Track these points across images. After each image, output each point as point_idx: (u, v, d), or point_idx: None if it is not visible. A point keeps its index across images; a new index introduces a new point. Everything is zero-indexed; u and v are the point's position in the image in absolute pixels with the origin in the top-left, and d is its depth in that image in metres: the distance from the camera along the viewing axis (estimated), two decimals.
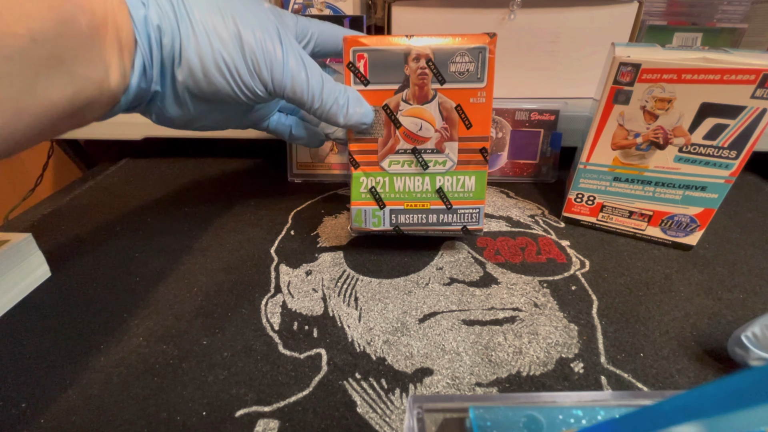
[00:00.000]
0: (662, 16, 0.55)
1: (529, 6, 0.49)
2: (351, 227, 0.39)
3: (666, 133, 0.38)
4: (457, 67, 0.34)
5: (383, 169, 0.37)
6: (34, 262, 0.37)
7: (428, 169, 0.37)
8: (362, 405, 0.27)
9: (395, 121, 0.35)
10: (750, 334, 0.28)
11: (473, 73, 0.35)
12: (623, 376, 0.29)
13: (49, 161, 0.60)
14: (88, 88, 0.23)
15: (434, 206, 0.38)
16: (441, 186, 0.38)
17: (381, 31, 0.53)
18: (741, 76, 0.33)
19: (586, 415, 0.16)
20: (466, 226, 0.39)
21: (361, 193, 0.37)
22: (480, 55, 0.34)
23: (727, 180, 0.38)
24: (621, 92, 0.37)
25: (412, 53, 0.33)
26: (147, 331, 0.33)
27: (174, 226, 0.45)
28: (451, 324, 0.33)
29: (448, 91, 0.35)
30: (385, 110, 0.35)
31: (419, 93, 0.35)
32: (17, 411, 0.27)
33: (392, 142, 0.36)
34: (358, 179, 0.37)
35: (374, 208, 0.38)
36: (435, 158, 0.37)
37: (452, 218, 0.39)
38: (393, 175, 0.37)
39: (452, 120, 0.36)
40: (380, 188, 0.37)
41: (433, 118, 0.35)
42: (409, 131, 0.36)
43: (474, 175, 0.37)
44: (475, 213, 0.39)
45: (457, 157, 0.37)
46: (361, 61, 0.33)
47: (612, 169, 0.41)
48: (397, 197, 0.38)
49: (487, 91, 0.35)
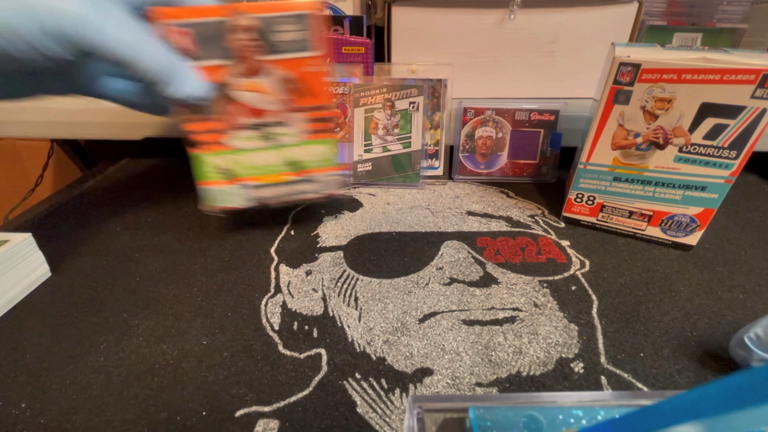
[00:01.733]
0: (662, 17, 0.55)
1: (529, 6, 0.49)
2: (203, 207, 0.38)
3: (666, 133, 0.38)
4: (283, 37, 0.33)
5: (227, 146, 0.36)
6: (34, 262, 0.37)
7: (276, 141, 0.37)
8: (362, 405, 0.27)
9: (231, 97, 0.35)
10: (752, 335, 0.28)
11: (302, 42, 0.34)
12: (623, 376, 0.29)
13: (49, 161, 0.60)
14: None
15: (290, 177, 0.38)
16: (293, 156, 0.38)
17: (381, 32, 0.53)
18: (741, 76, 0.34)
19: (586, 415, 0.16)
20: (327, 192, 0.40)
21: (208, 173, 0.37)
22: (304, 23, 0.33)
23: (727, 180, 0.38)
24: (621, 92, 0.37)
25: (232, 26, 0.32)
26: (147, 331, 0.33)
27: (174, 226, 0.45)
28: (451, 324, 0.33)
29: (279, 62, 0.34)
30: (219, 86, 0.34)
31: (250, 66, 0.34)
32: (17, 411, 0.27)
33: (231, 118, 0.35)
34: (199, 159, 0.36)
35: (227, 185, 0.37)
36: (281, 130, 0.36)
37: (312, 186, 0.39)
38: (240, 151, 0.37)
39: (290, 91, 0.35)
40: (229, 165, 0.37)
41: (271, 91, 0.35)
42: (248, 105, 0.35)
43: (324, 143, 0.38)
44: (332, 179, 0.39)
45: (303, 127, 0.37)
46: (178, 34, 0.32)
47: (612, 169, 0.41)
48: (249, 172, 0.37)
49: (320, 60, 0.35)
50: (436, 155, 0.53)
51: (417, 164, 0.51)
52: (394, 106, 0.50)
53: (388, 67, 0.52)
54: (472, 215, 0.46)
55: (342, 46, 0.52)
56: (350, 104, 0.50)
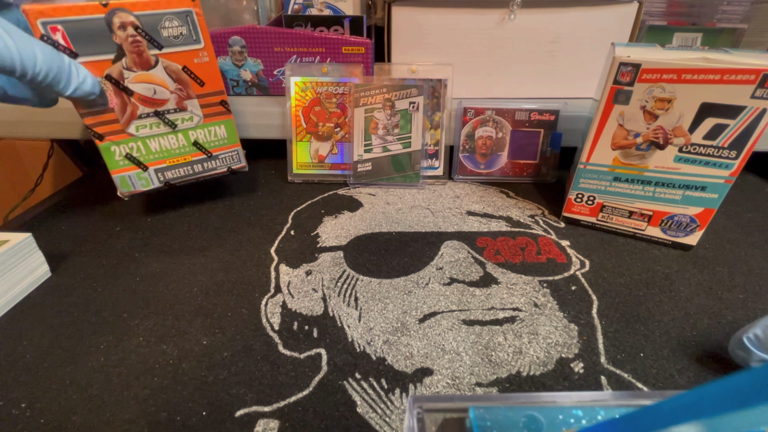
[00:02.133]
0: (662, 17, 0.55)
1: (529, 6, 0.49)
2: (120, 193, 0.41)
3: (666, 133, 0.38)
4: (170, 32, 0.36)
5: (132, 135, 0.39)
6: (34, 262, 0.37)
7: (177, 127, 0.40)
8: (362, 405, 0.27)
9: (125, 89, 0.37)
10: (752, 336, 0.28)
11: (188, 36, 0.37)
12: (623, 376, 0.29)
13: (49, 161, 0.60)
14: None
15: (195, 157, 0.43)
16: (196, 139, 0.42)
17: (381, 32, 0.53)
18: (741, 76, 0.33)
19: (586, 415, 0.16)
20: (231, 167, 0.45)
21: (118, 161, 0.40)
22: (189, 19, 0.37)
23: (727, 180, 0.38)
24: (621, 92, 0.37)
25: (115, 22, 0.35)
26: (147, 331, 0.33)
27: (174, 226, 0.45)
28: (451, 324, 0.33)
29: (169, 55, 0.37)
30: (110, 80, 0.36)
31: (139, 60, 0.37)
32: (17, 411, 0.27)
33: (131, 108, 0.38)
34: (108, 150, 0.39)
35: (138, 171, 0.41)
36: (180, 116, 0.40)
37: (216, 163, 0.44)
38: (144, 138, 0.40)
39: (184, 80, 0.39)
40: (136, 153, 0.40)
41: (165, 81, 0.38)
42: (144, 96, 0.38)
43: (222, 125, 0.42)
44: (235, 155, 0.44)
45: (201, 112, 0.41)
46: (57, 33, 0.34)
47: (612, 169, 0.41)
48: (157, 157, 0.41)
49: (207, 51, 0.38)
50: (436, 155, 0.53)
51: (417, 164, 0.51)
52: (394, 106, 0.50)
53: (388, 67, 0.52)
54: (472, 215, 0.46)
55: (342, 46, 0.52)
56: (350, 104, 0.50)
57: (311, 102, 0.50)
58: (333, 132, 0.52)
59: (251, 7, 0.56)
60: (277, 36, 0.52)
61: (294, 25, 0.55)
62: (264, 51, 0.53)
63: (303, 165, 0.53)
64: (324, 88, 0.50)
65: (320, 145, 0.52)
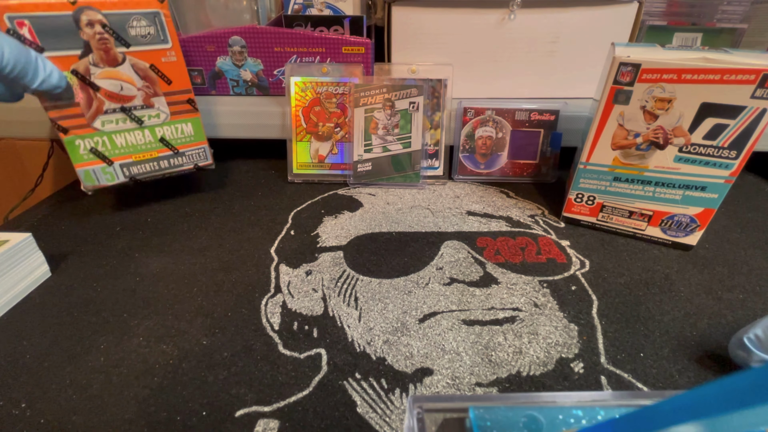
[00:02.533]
0: (662, 17, 0.55)
1: (529, 6, 0.49)
2: (84, 187, 0.42)
3: (666, 133, 0.38)
4: (138, 31, 0.37)
5: (97, 129, 0.40)
6: (34, 262, 0.37)
7: (144, 123, 0.41)
8: (362, 405, 0.27)
9: (91, 84, 0.38)
10: (752, 336, 0.28)
11: (156, 36, 0.38)
12: (623, 376, 0.29)
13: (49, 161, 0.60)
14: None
15: (162, 153, 0.43)
16: (162, 136, 0.42)
17: (381, 32, 0.53)
18: (741, 76, 0.33)
19: (586, 415, 0.16)
20: (197, 164, 0.45)
21: (82, 155, 0.40)
22: (157, 19, 0.38)
23: (727, 180, 0.38)
24: (621, 92, 0.37)
25: (83, 19, 0.35)
26: (147, 331, 0.33)
27: (174, 226, 0.45)
28: (451, 324, 0.33)
29: (137, 53, 0.38)
30: (76, 75, 0.37)
31: (106, 57, 0.37)
32: (17, 411, 0.27)
33: (97, 104, 0.39)
34: (72, 143, 0.39)
35: (102, 165, 0.41)
36: (147, 113, 0.41)
37: (182, 160, 0.45)
38: (110, 133, 0.40)
39: (151, 78, 0.40)
40: (101, 147, 0.40)
41: (132, 78, 0.39)
42: (111, 92, 0.39)
43: (189, 122, 0.43)
44: (202, 152, 0.45)
45: (168, 109, 0.42)
46: (24, 27, 0.34)
47: (612, 169, 0.41)
48: (122, 152, 0.42)
49: (175, 51, 0.40)
50: (436, 155, 0.53)
51: (417, 164, 0.51)
52: (394, 106, 0.50)
53: (388, 67, 0.52)
54: (472, 215, 0.46)
55: (342, 46, 0.52)
56: (350, 104, 0.50)
57: (311, 102, 0.50)
58: (333, 132, 0.52)
59: (251, 7, 0.56)
60: (277, 36, 0.52)
61: (294, 25, 0.55)
62: (264, 51, 0.53)
63: (303, 165, 0.53)
64: (324, 88, 0.50)
65: (320, 145, 0.52)
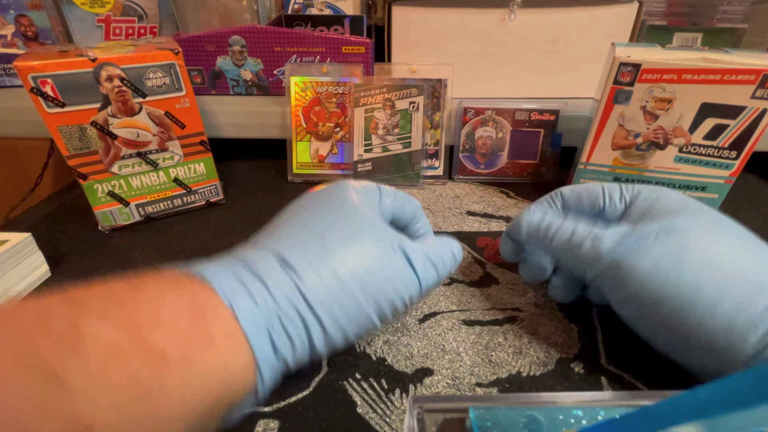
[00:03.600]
0: (662, 16, 0.55)
1: (530, 6, 0.49)
2: (101, 227, 0.44)
3: (666, 133, 0.38)
4: (154, 82, 0.39)
5: (115, 174, 0.42)
6: (34, 262, 0.37)
7: (159, 165, 0.43)
8: (362, 405, 0.27)
9: (110, 134, 0.40)
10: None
11: (171, 85, 0.40)
12: (623, 376, 0.29)
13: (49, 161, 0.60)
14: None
15: (175, 192, 0.45)
16: (176, 176, 0.44)
17: (381, 32, 0.53)
18: (741, 76, 0.34)
19: (586, 415, 0.16)
20: (209, 200, 0.48)
21: (100, 198, 0.42)
22: (172, 70, 0.40)
23: (727, 180, 0.38)
24: (621, 92, 0.37)
25: (102, 75, 0.37)
26: None
27: (174, 226, 0.45)
28: (451, 324, 0.33)
29: (152, 102, 0.40)
30: (95, 126, 0.39)
31: (124, 108, 0.39)
32: None
33: (114, 150, 0.41)
34: (91, 188, 0.41)
35: (119, 207, 0.43)
36: (162, 156, 0.43)
37: (195, 197, 0.47)
38: (126, 177, 0.42)
39: (166, 124, 0.42)
40: (118, 190, 0.42)
41: (147, 126, 0.41)
42: (128, 139, 0.41)
43: (202, 162, 0.46)
44: (213, 188, 0.48)
45: (182, 151, 0.43)
46: (47, 86, 0.36)
47: (612, 169, 0.41)
48: (138, 193, 0.44)
49: (188, 98, 0.41)
50: (436, 155, 0.53)
51: (417, 164, 0.51)
52: (394, 106, 0.50)
53: (388, 67, 0.52)
54: (472, 215, 0.46)
55: (342, 45, 0.52)
56: (350, 104, 0.50)
57: (311, 102, 0.50)
58: (333, 132, 0.52)
59: (251, 6, 0.56)
60: (277, 36, 0.52)
61: (294, 25, 0.55)
62: (264, 51, 0.53)
63: (303, 165, 0.53)
64: (324, 87, 0.50)
65: (320, 145, 0.52)
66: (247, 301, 0.20)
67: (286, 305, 0.21)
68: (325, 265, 0.23)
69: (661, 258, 0.24)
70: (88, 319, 0.16)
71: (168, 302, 0.19)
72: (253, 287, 0.21)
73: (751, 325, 0.22)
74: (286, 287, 0.21)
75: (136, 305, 0.18)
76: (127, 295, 0.18)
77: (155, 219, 0.46)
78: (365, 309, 0.23)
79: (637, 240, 0.25)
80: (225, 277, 0.21)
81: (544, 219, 0.30)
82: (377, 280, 0.24)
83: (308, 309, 0.21)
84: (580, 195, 0.31)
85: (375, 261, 0.24)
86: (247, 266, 0.22)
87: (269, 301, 0.21)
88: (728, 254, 0.24)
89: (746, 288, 0.23)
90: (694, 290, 0.23)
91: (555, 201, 0.32)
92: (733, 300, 0.23)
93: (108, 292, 0.18)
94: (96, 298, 0.18)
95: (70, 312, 0.17)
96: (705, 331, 0.23)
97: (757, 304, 0.22)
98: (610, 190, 0.30)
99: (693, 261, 0.24)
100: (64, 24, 0.56)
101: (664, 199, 0.28)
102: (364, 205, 0.27)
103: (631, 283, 0.25)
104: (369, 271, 0.23)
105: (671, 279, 0.24)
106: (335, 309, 0.22)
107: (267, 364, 0.20)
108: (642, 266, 0.25)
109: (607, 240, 0.26)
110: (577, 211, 0.32)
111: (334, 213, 0.25)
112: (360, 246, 0.24)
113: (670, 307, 0.24)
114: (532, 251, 0.32)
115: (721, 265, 0.23)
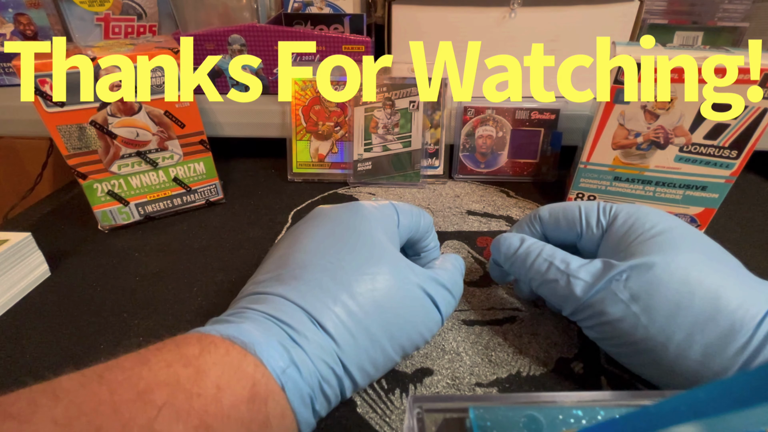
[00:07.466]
0: (663, 15, 0.55)
1: (530, 5, 0.49)
2: (101, 226, 0.44)
3: (667, 132, 0.38)
4: (154, 81, 0.39)
5: (114, 173, 0.41)
6: (34, 261, 0.37)
7: (158, 165, 0.43)
8: (362, 405, 0.27)
9: (109, 133, 0.39)
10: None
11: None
12: (623, 376, 0.29)
13: (49, 160, 0.60)
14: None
15: (175, 192, 0.45)
16: (176, 175, 0.44)
17: (381, 30, 0.53)
18: (742, 75, 0.33)
19: (586, 415, 0.16)
20: (209, 199, 0.48)
21: (100, 198, 0.42)
22: (171, 70, 0.39)
23: (728, 180, 0.38)
24: (622, 91, 0.37)
25: (101, 75, 0.37)
26: (147, 331, 0.33)
27: (174, 225, 0.45)
28: (451, 324, 0.33)
29: (152, 102, 0.40)
30: (94, 125, 0.39)
31: (124, 107, 0.39)
32: None
33: (114, 150, 0.40)
34: (90, 187, 0.41)
35: (119, 206, 0.43)
36: (161, 155, 0.43)
37: (195, 197, 0.47)
38: (126, 176, 0.42)
39: (165, 123, 0.41)
40: (117, 189, 0.42)
41: (147, 125, 0.40)
42: (127, 139, 0.40)
43: (201, 161, 0.45)
44: (213, 188, 0.47)
45: (181, 151, 0.43)
46: (46, 85, 0.36)
47: (612, 169, 0.41)
48: (137, 192, 0.43)
49: (186, 96, 0.41)
50: (436, 154, 0.53)
51: (417, 163, 0.51)
52: (394, 105, 0.49)
53: (388, 66, 0.52)
54: (472, 215, 0.46)
55: (342, 44, 0.52)
56: (350, 103, 0.50)
57: (311, 101, 0.50)
58: (333, 131, 0.52)
59: (251, 5, 0.56)
60: (277, 34, 0.51)
61: (294, 24, 0.55)
62: (264, 49, 0.53)
63: (303, 164, 0.53)
64: None
65: (320, 144, 0.52)
66: (296, 376, 0.21)
67: (326, 372, 0.22)
68: (357, 323, 0.23)
69: (631, 302, 0.24)
70: (162, 419, 0.17)
71: (229, 393, 0.19)
72: (297, 357, 0.21)
73: (722, 369, 0.22)
74: (325, 354, 0.22)
75: (201, 400, 0.18)
76: (189, 387, 0.19)
77: (155, 218, 0.46)
78: (392, 357, 0.24)
79: (609, 282, 0.25)
80: (274, 350, 0.21)
81: (522, 246, 0.29)
82: (405, 329, 0.25)
83: (344, 372, 0.22)
84: (557, 218, 0.31)
85: (403, 309, 0.24)
86: (286, 331, 0.22)
87: (312, 371, 0.21)
88: (700, 292, 0.23)
89: (718, 329, 0.22)
90: (665, 336, 0.23)
91: (534, 224, 0.32)
92: (702, 345, 0.22)
93: (173, 378, 0.19)
94: (164, 389, 0.18)
95: (144, 410, 0.17)
96: (679, 372, 0.23)
97: (729, 347, 0.22)
98: (587, 213, 0.30)
99: (662, 305, 0.23)
100: (63, 23, 0.56)
101: (639, 225, 0.27)
102: (385, 238, 0.27)
103: (604, 325, 0.25)
104: (398, 324, 0.24)
105: (641, 324, 0.24)
106: (367, 365, 0.23)
107: (306, 426, 0.22)
108: (613, 312, 0.25)
109: (580, 281, 0.26)
110: (556, 233, 0.31)
111: (358, 254, 0.25)
112: (389, 298, 0.24)
113: (642, 349, 0.24)
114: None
115: (691, 306, 0.23)
